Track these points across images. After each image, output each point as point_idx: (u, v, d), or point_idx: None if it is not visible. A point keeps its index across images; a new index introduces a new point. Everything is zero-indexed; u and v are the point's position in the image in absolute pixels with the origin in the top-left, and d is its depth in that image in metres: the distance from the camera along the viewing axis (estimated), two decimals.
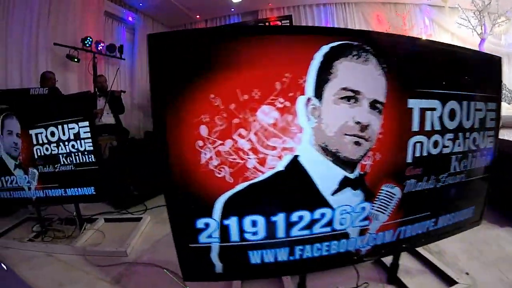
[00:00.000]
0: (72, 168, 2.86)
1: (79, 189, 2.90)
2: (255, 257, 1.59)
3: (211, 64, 1.39)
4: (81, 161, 2.82)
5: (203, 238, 1.54)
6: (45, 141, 2.88)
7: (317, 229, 1.59)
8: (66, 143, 2.82)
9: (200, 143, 1.44)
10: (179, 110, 1.41)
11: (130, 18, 8.63)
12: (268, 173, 1.47)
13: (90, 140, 2.78)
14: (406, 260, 2.32)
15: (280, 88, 1.42)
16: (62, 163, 2.88)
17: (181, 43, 1.40)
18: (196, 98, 1.40)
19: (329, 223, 1.58)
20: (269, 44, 1.42)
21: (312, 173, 1.53)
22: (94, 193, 2.87)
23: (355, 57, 1.49)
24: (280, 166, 1.48)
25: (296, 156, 1.48)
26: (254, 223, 1.53)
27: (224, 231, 1.53)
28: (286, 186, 1.52)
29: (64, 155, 2.86)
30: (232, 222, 1.52)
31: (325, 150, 1.53)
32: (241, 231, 1.53)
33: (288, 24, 9.16)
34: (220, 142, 1.43)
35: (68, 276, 2.46)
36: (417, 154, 1.71)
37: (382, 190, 1.69)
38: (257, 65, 1.41)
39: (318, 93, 1.47)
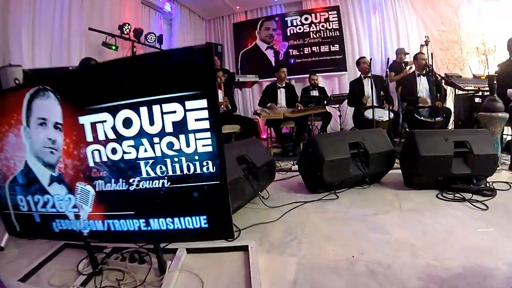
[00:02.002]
0: (166, 185, 1.45)
1: (176, 219, 1.48)
2: None
3: None
4: (186, 172, 1.41)
5: None
6: (111, 136, 1.47)
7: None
8: (156, 139, 1.42)
9: None
10: None
11: (167, 8, 7.49)
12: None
13: (208, 135, 1.38)
14: None
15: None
16: (144, 175, 1.47)
17: None
18: None
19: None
20: None
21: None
22: (206, 226, 1.45)
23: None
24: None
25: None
26: None
27: None
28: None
29: (150, 161, 1.45)
30: None
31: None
32: None
33: (336, 16, 7.78)
34: None
35: None
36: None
37: None
38: None
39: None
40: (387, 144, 3.34)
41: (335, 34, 7.87)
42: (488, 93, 5.06)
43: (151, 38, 6.53)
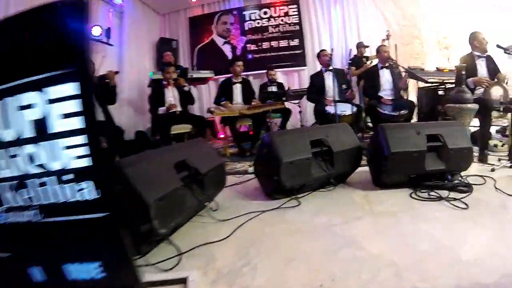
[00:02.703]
0: (39, 218, 0.91)
1: (62, 268, 0.94)
2: None
3: None
4: (60, 199, 0.88)
5: None
6: None
7: None
8: (14, 150, 0.90)
9: None
10: None
11: (117, 0, 6.76)
12: None
13: (82, 140, 0.84)
14: None
15: None
16: (8, 204, 0.94)
17: None
18: None
19: None
20: None
21: None
22: (103, 274, 0.92)
23: None
24: None
25: None
26: None
27: None
28: None
29: (12, 183, 0.92)
30: None
31: None
32: None
33: (296, 10, 7.41)
34: None
35: None
36: None
37: None
38: None
39: None
40: (353, 140, 2.95)
41: (295, 28, 7.52)
42: (451, 85, 4.99)
43: (97, 31, 5.75)
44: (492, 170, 3.08)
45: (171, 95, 4.70)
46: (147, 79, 6.67)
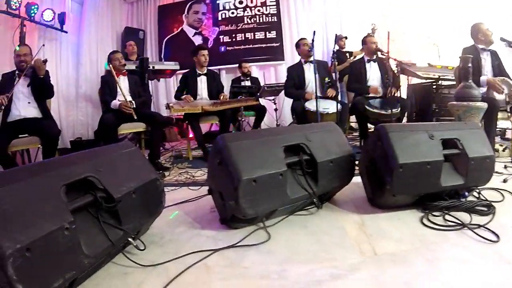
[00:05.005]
0: None
1: None
2: None
3: None
4: None
5: None
6: None
7: None
8: None
9: None
10: None
11: None
12: None
13: None
14: None
15: None
16: None
17: None
18: None
19: None
20: None
21: None
22: None
23: None
24: None
25: None
26: None
27: None
28: None
29: None
30: None
31: None
32: None
33: (275, 2, 6.65)
34: None
35: None
36: None
37: None
38: None
39: None
40: (344, 145, 2.11)
41: (272, 19, 6.64)
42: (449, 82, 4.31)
43: (48, 16, 4.84)
44: (505, 181, 2.47)
45: (122, 87, 3.72)
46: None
